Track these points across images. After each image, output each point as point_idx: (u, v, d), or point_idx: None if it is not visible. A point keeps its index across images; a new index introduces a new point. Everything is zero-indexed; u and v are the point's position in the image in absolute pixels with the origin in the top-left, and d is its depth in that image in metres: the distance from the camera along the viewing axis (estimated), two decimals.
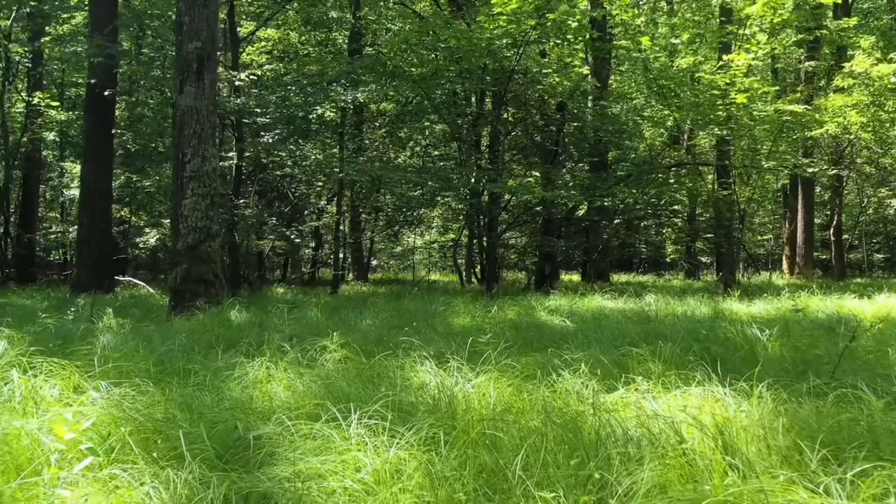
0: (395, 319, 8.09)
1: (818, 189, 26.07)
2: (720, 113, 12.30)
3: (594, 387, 3.96)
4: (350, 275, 23.52)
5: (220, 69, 15.87)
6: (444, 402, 3.52)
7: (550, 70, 15.23)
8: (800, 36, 13.46)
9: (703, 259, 29.47)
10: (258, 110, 15.47)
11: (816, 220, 25.66)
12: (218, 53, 17.50)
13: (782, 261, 26.02)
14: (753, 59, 11.70)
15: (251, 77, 14.41)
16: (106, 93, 14.02)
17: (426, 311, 8.59)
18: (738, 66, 11.58)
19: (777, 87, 12.77)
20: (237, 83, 14.33)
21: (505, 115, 16.75)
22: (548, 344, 6.13)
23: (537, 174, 15.31)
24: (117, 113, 19.32)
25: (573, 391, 3.99)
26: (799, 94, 12.44)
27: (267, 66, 15.73)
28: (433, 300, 10.10)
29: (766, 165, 12.06)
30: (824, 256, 28.28)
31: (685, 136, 23.43)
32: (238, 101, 14.27)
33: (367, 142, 20.22)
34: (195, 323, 6.90)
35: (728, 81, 11.92)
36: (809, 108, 12.21)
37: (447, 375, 4.09)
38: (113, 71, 13.57)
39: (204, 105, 8.46)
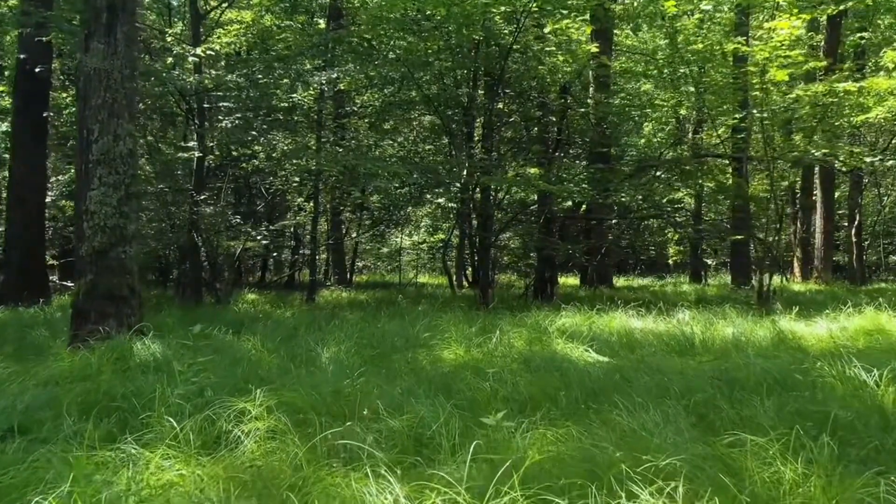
0: (366, 349, 6.15)
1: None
2: (756, 93, 10.42)
3: None
4: (332, 278, 21.51)
5: (177, 46, 13.85)
6: None
7: (553, 48, 13.31)
8: (843, 6, 11.58)
9: (707, 261, 27.66)
10: (219, 93, 13.46)
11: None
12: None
13: (793, 263, 24.24)
14: (799, 28, 9.82)
15: (209, 52, 12.38)
16: (37, 69, 11.95)
17: (408, 337, 6.64)
18: (781, 34, 9.71)
19: (824, 63, 10.95)
20: (191, 58, 12.29)
21: (500, 105, 14.82)
22: (580, 399, 4.21)
23: (536, 169, 13.36)
24: (69, 98, 17.24)
25: None
26: (847, 73, 10.59)
27: (227, 40, 13.67)
28: (417, 317, 8.15)
29: (815, 154, 10.21)
30: (835, 258, 26.51)
31: (691, 127, 21.59)
32: (192, 78, 12.24)
33: (349, 133, 18.28)
34: (81, 362, 4.94)
35: (767, 56, 10.03)
36: (863, 85, 10.35)
37: None
38: (38, 41, 11.48)
39: (117, 67, 6.48)
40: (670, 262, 32.09)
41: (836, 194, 25.90)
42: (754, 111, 10.15)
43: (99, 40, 6.45)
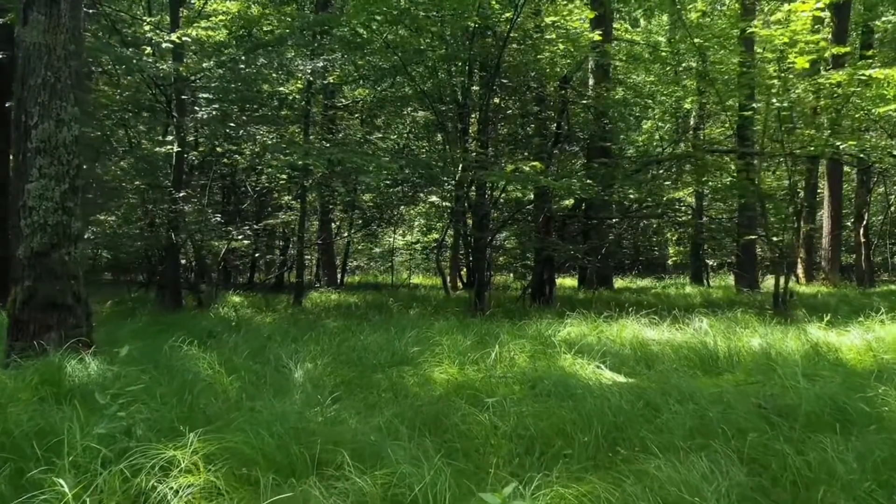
0: (345, 367, 5.34)
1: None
2: (773, 81, 9.64)
3: None
4: (322, 280, 20.66)
5: (151, 32, 13.01)
6: None
7: (553, 35, 12.52)
8: None
9: (708, 262, 26.90)
10: (200, 83, 12.63)
11: None
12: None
13: (796, 264, 23.48)
14: (820, 11, 9.03)
15: (184, 38, 11.51)
16: None
17: (394, 352, 5.83)
18: (802, 17, 8.95)
19: (847, 49, 10.19)
20: (165, 44, 11.45)
21: (497, 100, 14.01)
22: (601, 437, 3.41)
23: (537, 163, 12.55)
24: None
25: None
26: (870, 60, 9.82)
27: (205, 25, 12.79)
28: (407, 326, 7.33)
29: (841, 146, 9.44)
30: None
31: (694, 122, 20.78)
32: (165, 66, 11.37)
33: (338, 128, 17.44)
34: None
35: (787, 40, 9.26)
36: (889, 72, 9.57)
37: None
38: None
39: (60, 42, 5.67)
40: (669, 262, 31.32)
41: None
42: (773, 101, 9.34)
43: (39, 11, 5.62)
